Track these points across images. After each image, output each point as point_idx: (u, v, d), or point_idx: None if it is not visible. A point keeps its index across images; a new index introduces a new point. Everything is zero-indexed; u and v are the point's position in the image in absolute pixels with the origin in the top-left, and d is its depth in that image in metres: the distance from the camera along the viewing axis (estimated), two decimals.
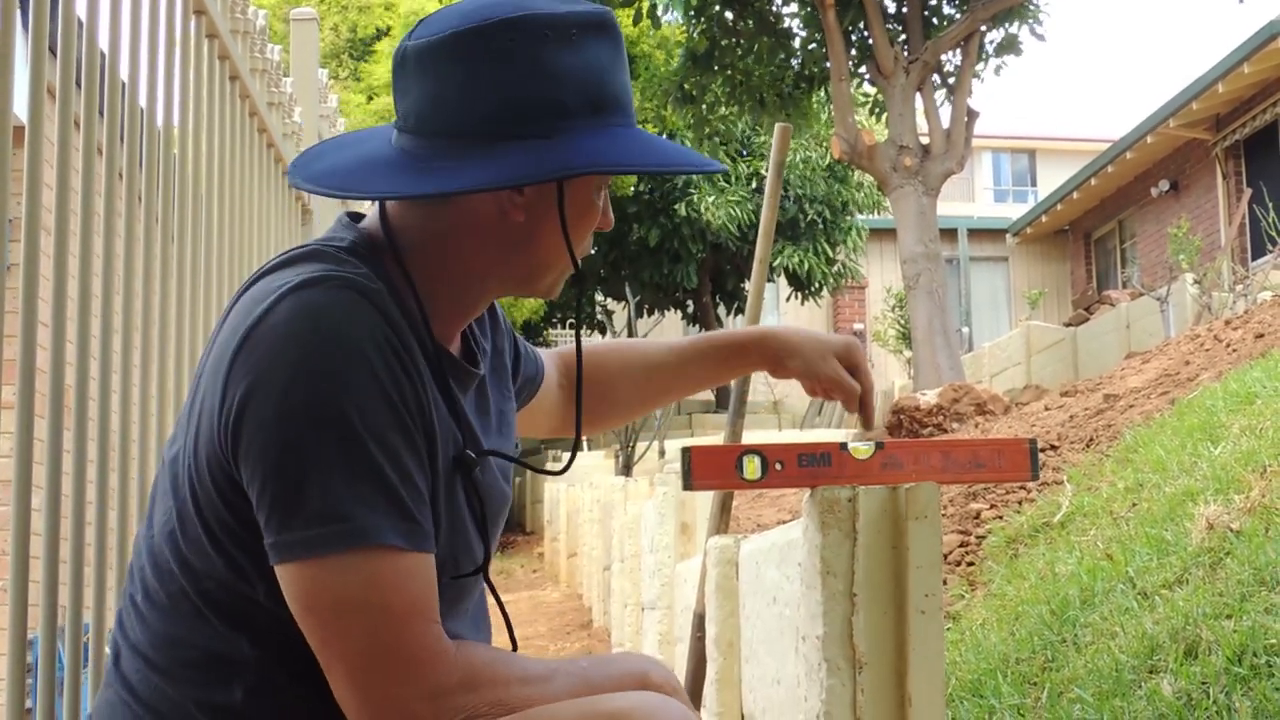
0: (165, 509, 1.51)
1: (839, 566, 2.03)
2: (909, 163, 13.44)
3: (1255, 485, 3.38)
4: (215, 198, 2.95)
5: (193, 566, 1.46)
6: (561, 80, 1.47)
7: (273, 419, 1.36)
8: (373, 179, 1.50)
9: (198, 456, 1.44)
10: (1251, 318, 7.25)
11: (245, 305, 1.45)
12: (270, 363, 1.37)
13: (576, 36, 1.48)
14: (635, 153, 1.52)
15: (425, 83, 1.49)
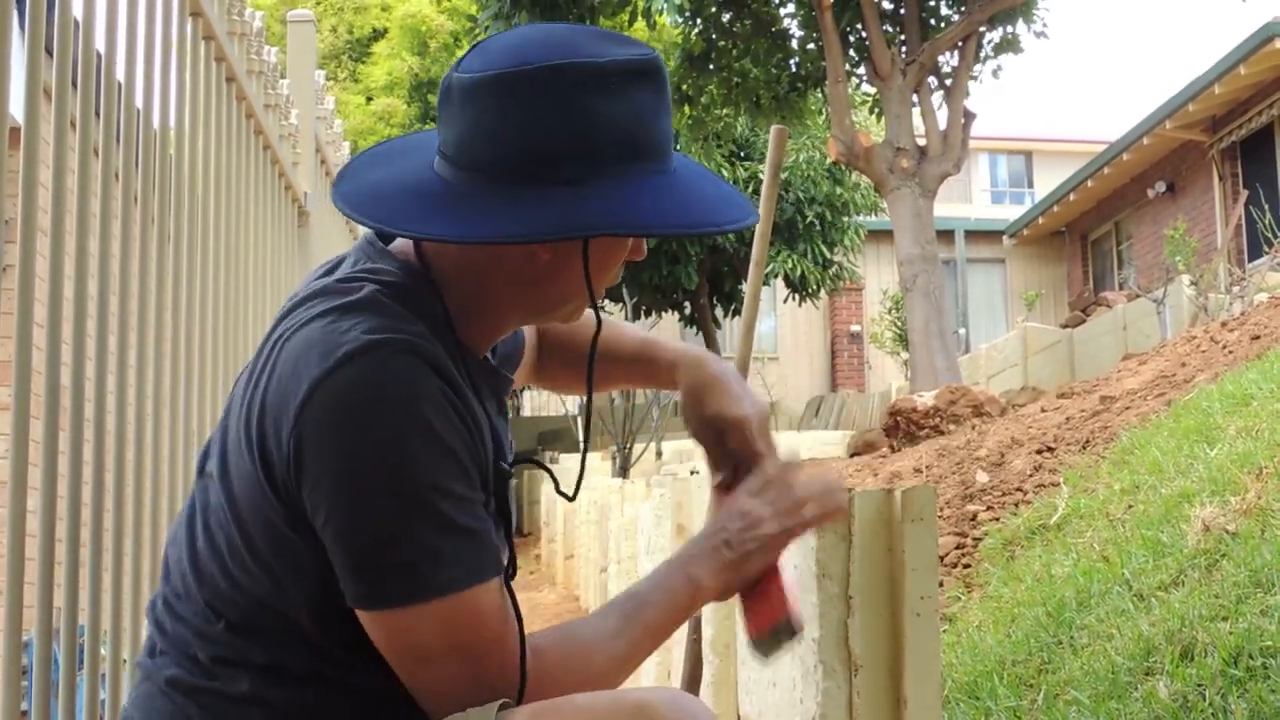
0: (210, 522, 1.55)
1: (835, 569, 2.04)
2: (906, 164, 13.44)
3: (1251, 487, 3.39)
4: (212, 199, 2.94)
5: (237, 579, 1.52)
6: (598, 128, 1.48)
7: (346, 483, 1.42)
8: (410, 213, 1.52)
9: (247, 479, 1.49)
10: (1248, 319, 7.25)
11: (305, 348, 1.48)
12: (340, 428, 1.42)
13: (618, 84, 1.49)
14: (661, 211, 1.51)
15: (467, 117, 1.51)
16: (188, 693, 1.52)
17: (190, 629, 1.54)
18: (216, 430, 1.61)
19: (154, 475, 2.51)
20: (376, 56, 22.04)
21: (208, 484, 1.58)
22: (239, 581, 1.51)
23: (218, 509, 1.53)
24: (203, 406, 2.84)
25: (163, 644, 1.57)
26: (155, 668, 1.56)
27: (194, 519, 1.59)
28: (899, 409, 9.53)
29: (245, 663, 1.50)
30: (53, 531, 1.97)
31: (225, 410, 1.61)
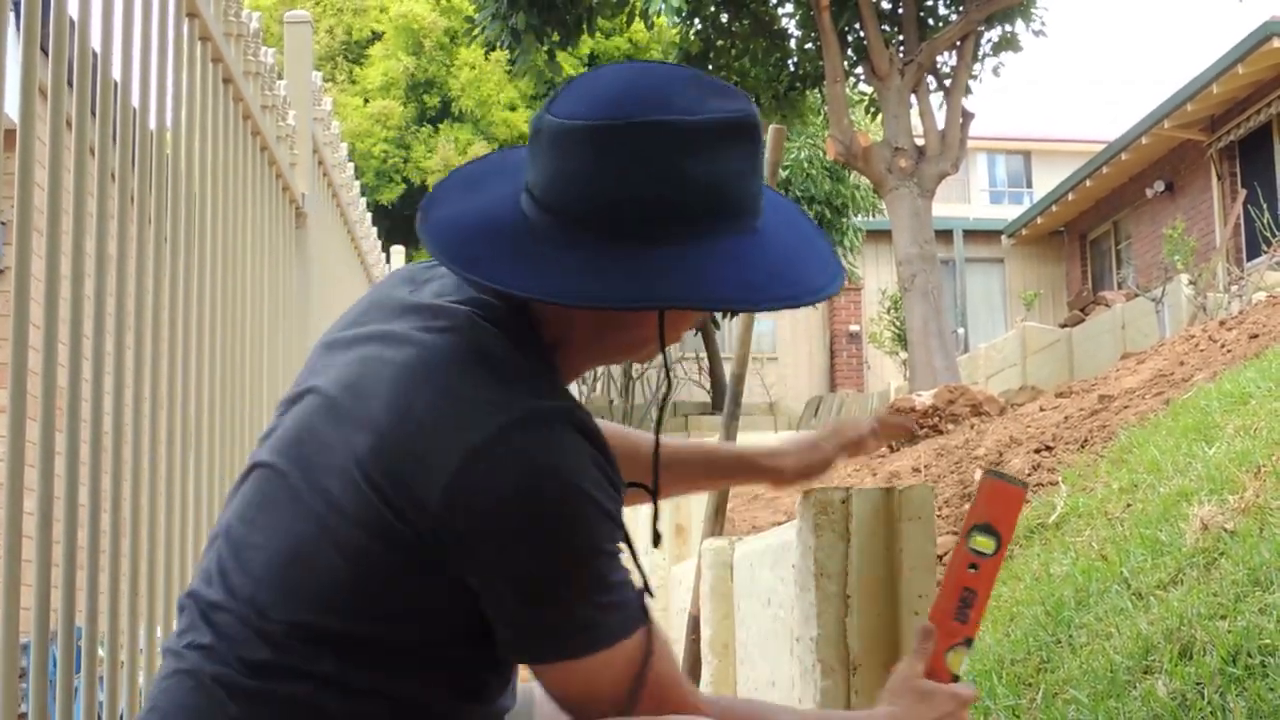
0: (290, 528, 1.52)
1: (833, 568, 2.04)
2: (904, 164, 13.44)
3: (1249, 485, 3.39)
4: (209, 200, 2.94)
5: (324, 596, 1.50)
6: (687, 188, 1.47)
7: (518, 553, 1.45)
8: (495, 260, 1.51)
9: (362, 514, 1.47)
10: (1246, 318, 7.25)
11: (449, 401, 1.47)
12: (508, 501, 1.43)
13: (711, 142, 1.48)
14: (741, 283, 1.50)
15: (556, 163, 1.50)
16: (232, 691, 1.48)
17: (249, 629, 1.50)
18: (292, 425, 1.59)
19: (151, 476, 2.51)
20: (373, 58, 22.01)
21: (280, 483, 1.55)
22: (324, 598, 1.48)
23: (307, 521, 1.51)
24: (200, 407, 2.83)
25: (210, 639, 1.52)
26: (197, 661, 1.51)
27: (260, 517, 1.56)
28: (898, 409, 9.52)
29: (309, 673, 1.48)
30: (50, 533, 1.96)
31: (299, 404, 1.60)
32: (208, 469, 2.88)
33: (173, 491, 2.64)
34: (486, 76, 20.95)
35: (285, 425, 1.61)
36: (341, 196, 5.04)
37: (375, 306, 1.64)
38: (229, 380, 3.08)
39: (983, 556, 1.84)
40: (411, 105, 21.39)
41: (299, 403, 1.62)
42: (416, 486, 1.44)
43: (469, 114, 21.10)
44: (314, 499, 1.50)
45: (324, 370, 1.61)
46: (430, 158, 20.63)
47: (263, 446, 1.64)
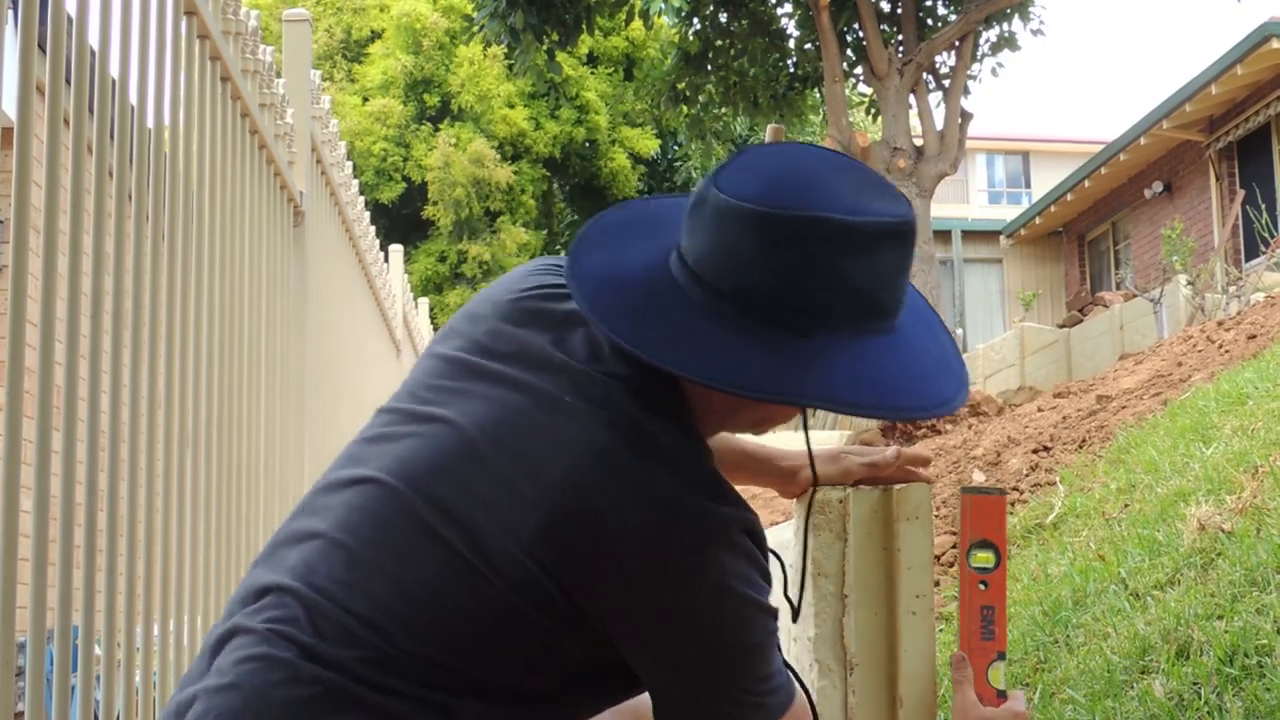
0: (417, 555, 1.52)
1: (830, 567, 2.03)
2: (903, 164, 13.43)
3: (1247, 486, 3.39)
4: (206, 198, 2.94)
5: (453, 625, 1.51)
6: (841, 287, 1.50)
7: (683, 649, 1.53)
8: (641, 322, 1.53)
9: (512, 570, 1.49)
10: (1244, 318, 7.25)
11: (623, 485, 1.50)
12: (682, 607, 1.50)
13: (870, 245, 1.49)
14: (878, 390, 1.53)
15: (716, 238, 1.52)
16: (335, 693, 1.46)
17: (366, 647, 1.47)
18: (421, 454, 1.56)
19: (148, 475, 2.51)
20: (372, 56, 22.00)
21: (409, 513, 1.53)
22: (460, 643, 1.49)
23: (450, 567, 1.50)
24: (197, 405, 2.83)
25: (311, 639, 1.48)
26: (294, 656, 1.47)
27: (385, 540, 1.53)
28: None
29: (424, 700, 1.47)
30: (46, 532, 1.96)
31: (424, 427, 1.58)
32: (205, 467, 2.88)
33: (170, 490, 2.64)
34: (485, 72, 20.95)
35: (409, 449, 1.57)
36: (340, 195, 5.04)
37: (509, 337, 1.62)
38: (226, 378, 3.08)
39: (987, 572, 1.93)
40: (411, 104, 21.39)
41: (421, 424, 1.59)
42: (591, 577, 1.49)
43: (469, 111, 21.09)
44: (464, 550, 1.49)
45: (451, 397, 1.59)
46: (430, 155, 20.62)
47: (368, 457, 1.61)
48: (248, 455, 3.27)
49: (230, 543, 3.08)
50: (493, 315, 1.66)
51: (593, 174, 22.30)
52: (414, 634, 1.48)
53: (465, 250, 20.69)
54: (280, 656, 1.47)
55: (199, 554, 2.82)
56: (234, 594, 1.60)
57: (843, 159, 1.58)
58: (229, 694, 1.47)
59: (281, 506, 3.64)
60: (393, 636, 1.47)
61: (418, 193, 21.16)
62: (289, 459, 3.78)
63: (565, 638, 1.51)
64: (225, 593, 3.02)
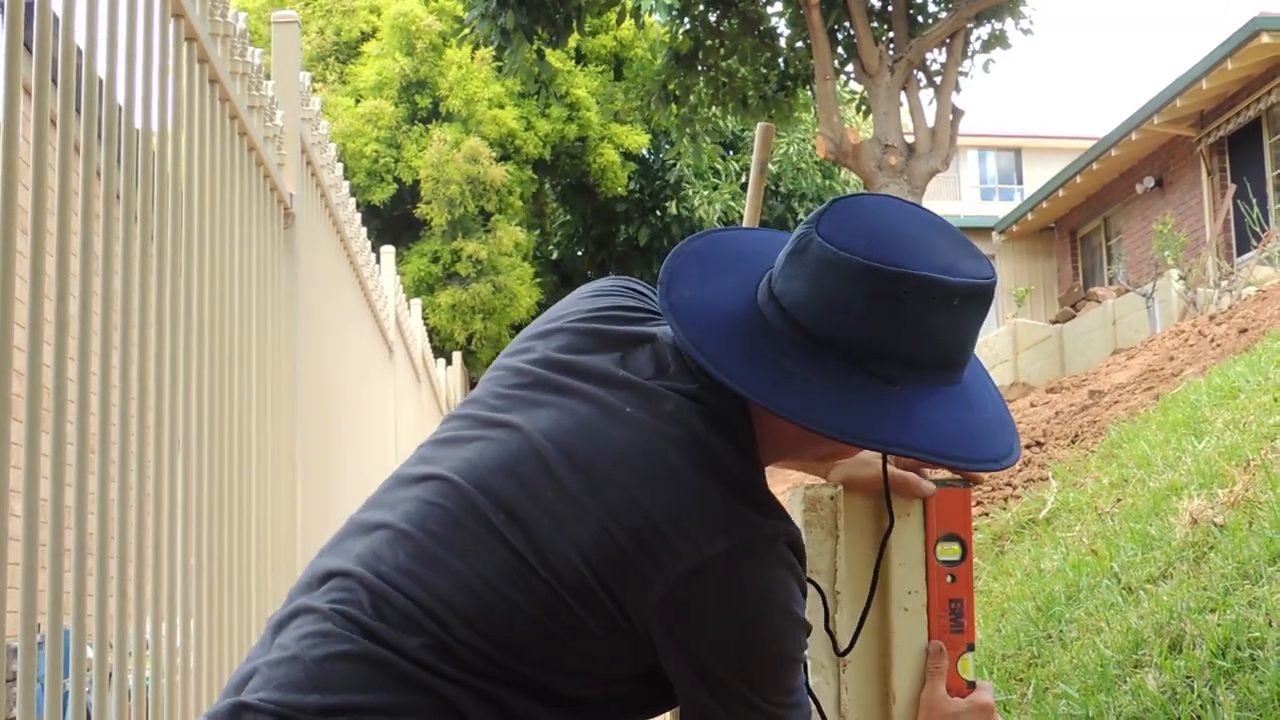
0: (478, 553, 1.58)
1: (822, 564, 2.03)
2: (894, 161, 13.44)
3: (1239, 479, 3.39)
4: (195, 200, 2.93)
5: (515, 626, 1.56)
6: (927, 342, 1.59)
7: (718, 655, 1.57)
8: (736, 356, 1.61)
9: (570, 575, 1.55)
10: (1235, 313, 7.27)
11: (688, 505, 1.55)
12: (722, 614, 1.55)
13: (957, 305, 1.58)
14: (952, 437, 1.62)
15: (816, 284, 1.60)
16: (394, 672, 1.52)
17: (427, 635, 1.54)
18: (491, 458, 1.62)
19: (139, 477, 2.50)
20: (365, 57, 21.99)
21: (478, 516, 1.59)
22: (515, 641, 1.55)
23: (513, 569, 1.56)
24: (186, 408, 2.83)
25: (376, 622, 1.55)
26: (357, 635, 1.54)
27: (454, 539, 1.59)
28: None
29: (475, 688, 1.53)
30: (36, 535, 1.96)
31: (495, 431, 1.64)
32: (195, 468, 2.87)
33: (160, 491, 2.63)
34: (473, 75, 20.94)
35: (477, 451, 1.64)
36: (330, 197, 5.03)
37: (578, 353, 1.69)
38: (217, 380, 3.07)
39: (954, 564, 1.96)
40: (403, 106, 21.38)
41: (490, 428, 1.65)
42: (641, 582, 1.54)
43: (458, 113, 21.09)
44: (524, 551, 1.56)
45: (520, 405, 1.66)
46: (421, 156, 20.61)
47: (438, 457, 1.67)
48: (238, 457, 3.27)
49: (221, 544, 3.07)
50: (563, 332, 1.73)
51: (583, 171, 22.29)
52: (471, 626, 1.54)
53: (459, 249, 20.67)
54: (342, 633, 1.54)
55: (190, 555, 2.82)
56: (296, 582, 1.68)
57: (933, 216, 1.68)
58: (290, 665, 1.53)
59: (273, 506, 3.63)
60: (450, 626, 1.54)
61: (409, 194, 21.14)
62: (280, 460, 3.78)
63: (614, 645, 1.56)
64: (217, 593, 3.01)
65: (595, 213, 23.47)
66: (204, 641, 2.90)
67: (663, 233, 22.02)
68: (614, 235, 22.48)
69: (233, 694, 1.55)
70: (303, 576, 1.66)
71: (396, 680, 1.51)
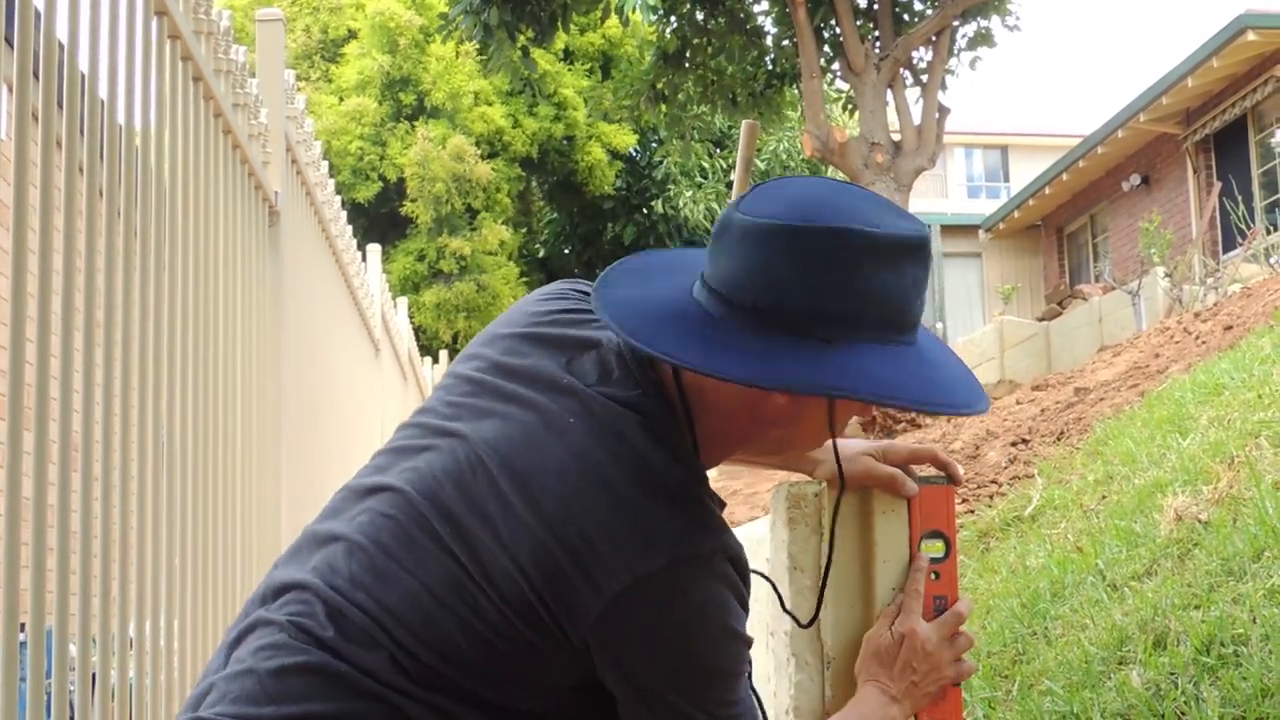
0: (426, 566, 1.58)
1: (806, 562, 2.03)
2: (881, 159, 13.45)
3: (1223, 476, 3.40)
4: (179, 198, 2.93)
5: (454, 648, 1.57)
6: (867, 299, 1.55)
7: (655, 669, 1.57)
8: (668, 335, 1.58)
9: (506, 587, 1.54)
10: (1221, 310, 7.29)
11: (619, 518, 1.55)
12: (659, 629, 1.55)
13: (891, 257, 1.55)
14: (901, 384, 1.57)
15: (741, 257, 1.57)
16: (344, 683, 1.53)
17: (376, 645, 1.55)
18: (437, 466, 1.63)
19: (122, 476, 2.50)
20: (348, 56, 21.94)
21: (424, 525, 1.60)
22: (453, 650, 1.55)
23: (455, 579, 1.56)
24: (171, 406, 2.82)
25: (332, 635, 1.56)
26: (310, 645, 1.55)
27: (401, 551, 1.60)
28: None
29: (419, 698, 1.54)
30: (18, 534, 1.95)
31: (441, 440, 1.65)
32: (179, 467, 2.86)
33: (144, 490, 2.63)
34: (456, 69, 20.91)
35: (426, 461, 1.64)
36: (315, 194, 5.02)
37: (524, 358, 1.68)
38: (201, 379, 3.07)
39: (939, 561, 1.96)
40: (386, 103, 21.35)
41: (439, 437, 1.66)
42: (577, 599, 1.52)
43: (444, 109, 21.06)
44: (468, 563, 1.56)
45: (468, 413, 1.66)
46: (406, 154, 20.59)
47: (389, 466, 1.68)
48: (223, 455, 3.26)
49: (204, 543, 3.07)
50: (509, 337, 1.73)
51: (570, 170, 22.28)
52: (420, 639, 1.54)
53: (444, 246, 20.65)
54: (298, 645, 1.55)
55: (174, 554, 2.81)
56: (252, 594, 1.68)
57: (857, 188, 1.64)
58: (246, 679, 1.55)
59: (257, 506, 3.62)
60: (401, 640, 1.55)
61: (395, 191, 21.12)
62: (265, 459, 3.77)
63: (555, 659, 1.56)
64: (200, 593, 3.01)
65: (582, 211, 23.47)
66: (187, 640, 2.89)
67: (649, 231, 22.03)
68: (600, 233, 22.47)
69: (190, 710, 1.57)
70: (258, 589, 1.67)
71: (351, 691, 1.52)
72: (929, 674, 1.89)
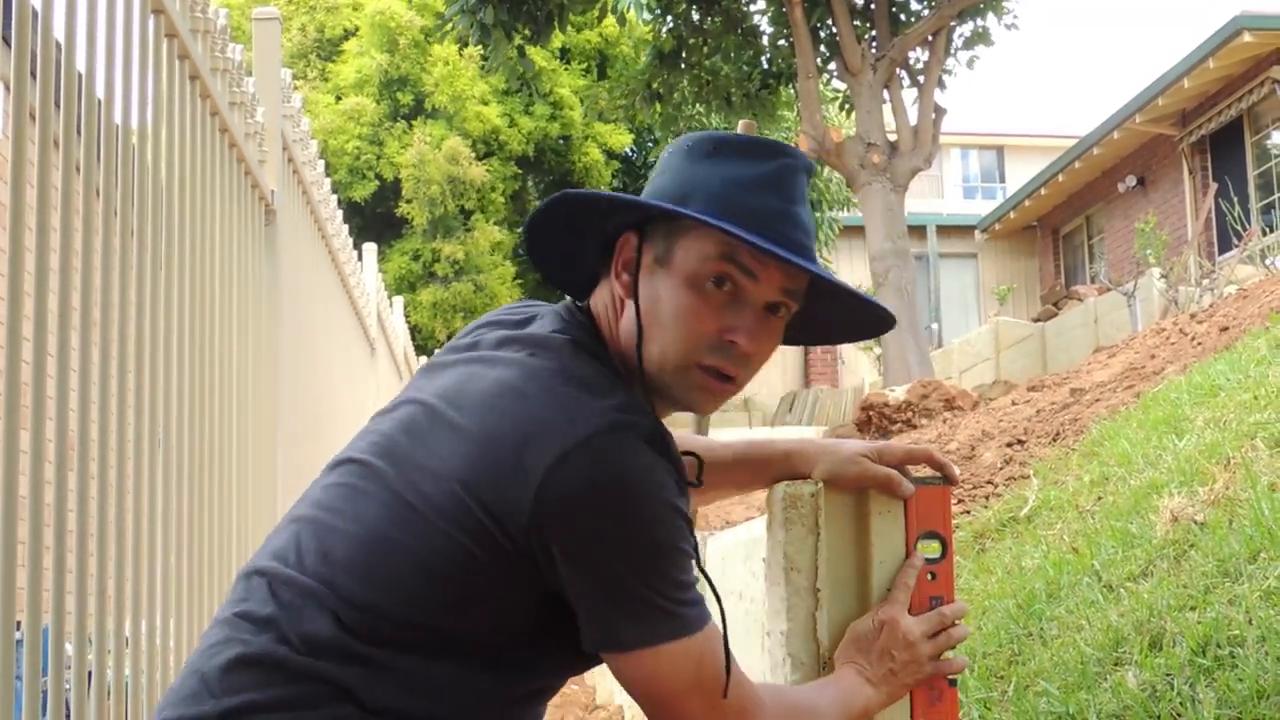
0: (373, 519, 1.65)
1: (802, 562, 2.03)
2: (877, 159, 13.46)
3: (1219, 477, 3.40)
4: (176, 196, 2.92)
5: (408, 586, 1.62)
6: (688, 181, 1.75)
7: (605, 545, 1.61)
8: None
9: (452, 506, 1.61)
10: (1216, 311, 7.29)
11: (544, 407, 1.63)
12: (590, 500, 1.59)
13: (717, 152, 1.76)
14: (730, 230, 1.68)
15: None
16: (280, 667, 1.58)
17: (317, 606, 1.60)
18: (389, 429, 1.73)
19: (118, 473, 2.49)
20: (346, 55, 21.92)
21: (373, 477, 1.68)
22: (404, 585, 1.60)
23: (397, 513, 1.63)
24: (167, 405, 2.82)
25: (271, 610, 1.62)
26: (250, 632, 1.62)
27: (348, 507, 1.67)
28: (871, 403, 9.55)
29: (365, 656, 1.58)
30: (14, 533, 1.95)
31: (396, 412, 1.75)
32: (176, 465, 2.86)
33: (141, 488, 2.62)
34: (460, 72, 20.89)
35: (381, 430, 1.74)
36: (312, 193, 5.02)
37: (475, 338, 1.82)
38: (197, 377, 3.06)
39: (935, 562, 1.96)
40: (384, 103, 21.32)
41: (395, 411, 1.77)
42: (510, 490, 1.59)
43: (442, 110, 21.04)
44: (408, 494, 1.63)
45: (423, 387, 1.77)
46: (403, 154, 20.57)
47: (353, 446, 1.77)
48: (219, 453, 3.26)
49: (201, 542, 3.06)
50: (466, 332, 1.88)
51: (566, 170, 22.26)
52: (365, 582, 1.61)
53: (438, 250, 20.64)
54: (238, 637, 1.62)
55: (170, 553, 2.81)
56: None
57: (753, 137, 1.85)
58: (189, 679, 1.62)
59: (255, 504, 3.62)
60: (344, 589, 1.60)
61: (391, 191, 21.10)
62: (261, 457, 3.77)
63: (499, 572, 1.61)
64: (196, 591, 3.00)
65: None
66: (183, 639, 2.89)
67: None
68: None
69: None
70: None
71: (289, 675, 1.57)
72: (907, 664, 1.91)
